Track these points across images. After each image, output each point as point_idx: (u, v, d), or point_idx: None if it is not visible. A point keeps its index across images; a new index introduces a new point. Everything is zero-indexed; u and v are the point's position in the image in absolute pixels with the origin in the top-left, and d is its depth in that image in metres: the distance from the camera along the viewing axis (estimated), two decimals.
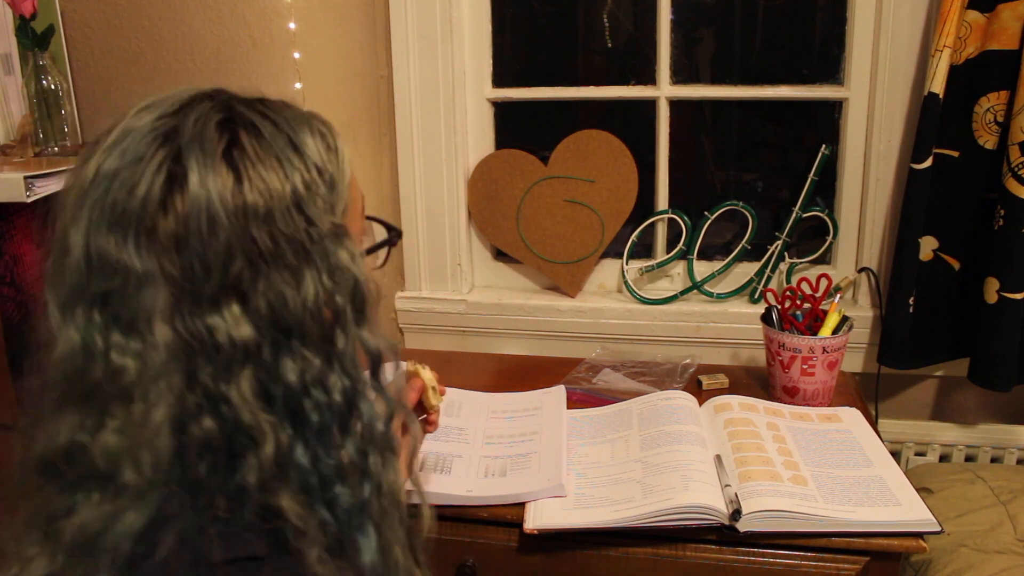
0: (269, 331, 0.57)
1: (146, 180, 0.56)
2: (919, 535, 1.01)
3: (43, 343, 0.58)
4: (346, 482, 0.60)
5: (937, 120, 1.35)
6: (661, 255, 1.67)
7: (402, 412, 0.66)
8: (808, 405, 1.33)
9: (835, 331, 1.34)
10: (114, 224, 0.55)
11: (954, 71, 1.34)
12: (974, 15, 1.32)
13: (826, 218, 1.56)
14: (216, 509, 0.58)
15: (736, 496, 1.04)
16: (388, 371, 0.65)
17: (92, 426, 0.56)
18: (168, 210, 0.55)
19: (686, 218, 1.61)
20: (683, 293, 1.63)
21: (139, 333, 0.55)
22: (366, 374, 0.63)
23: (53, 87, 1.53)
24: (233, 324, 0.56)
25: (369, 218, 0.74)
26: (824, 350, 1.30)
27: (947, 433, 1.58)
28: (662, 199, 1.64)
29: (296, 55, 1.59)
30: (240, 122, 0.60)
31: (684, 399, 1.29)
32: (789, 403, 1.34)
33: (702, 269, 1.63)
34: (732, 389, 1.42)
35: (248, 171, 0.57)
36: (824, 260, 1.62)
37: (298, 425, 0.58)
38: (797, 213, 1.56)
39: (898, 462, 1.18)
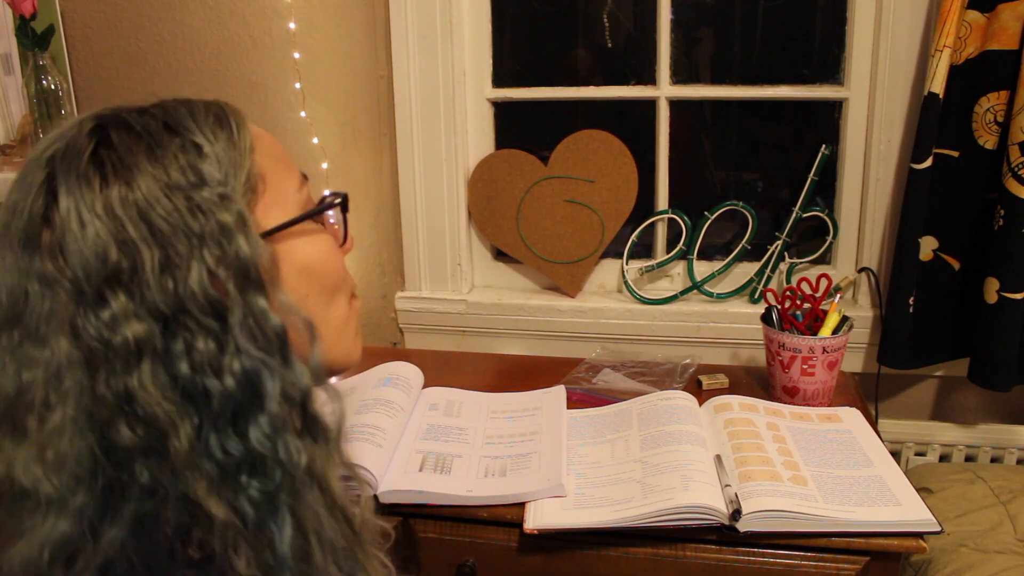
0: (157, 321, 0.56)
1: (30, 200, 0.57)
2: (919, 535, 1.01)
3: None
4: (256, 469, 0.58)
5: (937, 120, 1.35)
6: (661, 255, 1.67)
7: (323, 386, 0.63)
8: (808, 405, 1.33)
9: (835, 331, 1.34)
10: (10, 245, 0.57)
11: (954, 71, 1.34)
12: (974, 15, 1.32)
13: (826, 218, 1.56)
14: (145, 528, 0.56)
15: (736, 496, 1.04)
16: (316, 350, 0.62)
17: (11, 448, 0.56)
18: (48, 222, 0.57)
19: (686, 218, 1.62)
20: (683, 293, 1.63)
21: (43, 342, 0.55)
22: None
23: (53, 87, 1.53)
24: (123, 319, 0.55)
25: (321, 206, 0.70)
26: (824, 350, 1.30)
27: (947, 433, 1.58)
28: (662, 199, 1.64)
29: (296, 55, 1.59)
30: (112, 123, 0.60)
31: (684, 399, 1.29)
32: (789, 403, 1.34)
33: (702, 269, 1.63)
34: (732, 389, 1.41)
35: (114, 166, 0.57)
36: (824, 260, 1.62)
37: (203, 413, 0.56)
38: (797, 213, 1.56)
39: (898, 462, 1.18)
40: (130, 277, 0.55)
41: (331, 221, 0.72)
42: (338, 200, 0.70)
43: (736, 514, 1.01)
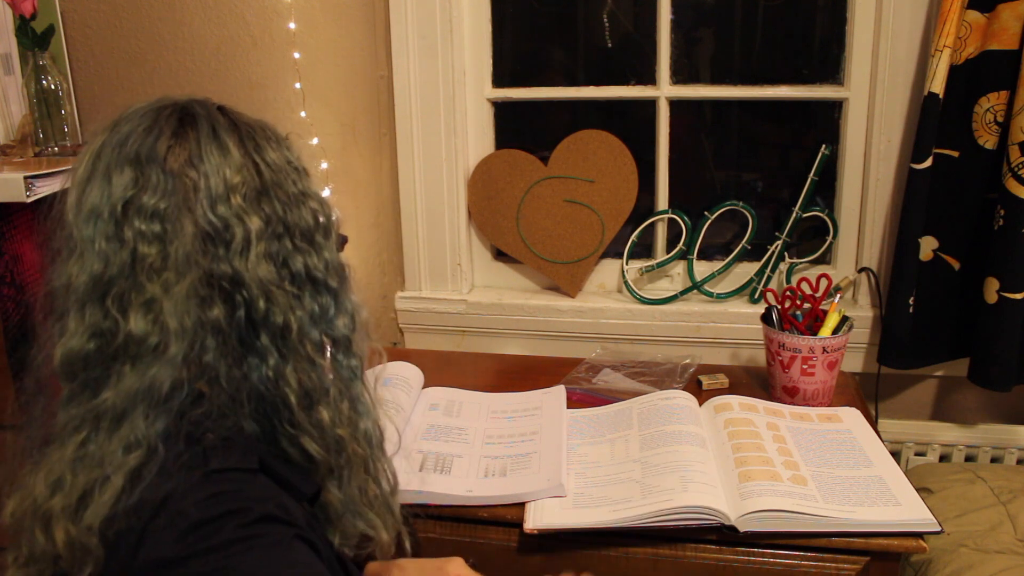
0: (274, 223, 0.71)
1: (161, 131, 0.71)
2: (919, 535, 1.01)
3: (53, 256, 0.70)
4: (343, 351, 0.76)
5: (937, 120, 1.35)
6: (661, 255, 1.67)
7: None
8: (808, 405, 1.33)
9: (835, 331, 1.34)
10: (133, 158, 0.69)
11: (954, 71, 1.34)
12: (974, 15, 1.32)
13: (826, 218, 1.56)
14: (223, 396, 0.68)
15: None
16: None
17: (119, 309, 0.66)
18: (180, 140, 0.71)
19: (686, 218, 1.61)
20: (683, 293, 1.63)
21: (161, 218, 0.67)
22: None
23: (53, 87, 1.53)
24: (243, 213, 0.69)
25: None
26: (824, 350, 1.30)
27: (947, 433, 1.58)
28: (662, 199, 1.64)
29: (296, 55, 1.59)
30: (227, 110, 0.76)
31: (684, 399, 1.29)
32: (789, 403, 1.34)
33: (702, 269, 1.63)
34: (732, 389, 1.41)
35: (246, 130, 0.74)
36: (824, 260, 1.62)
37: (306, 305, 0.72)
38: (797, 213, 1.56)
39: (898, 462, 1.18)
40: (254, 192, 0.71)
41: None
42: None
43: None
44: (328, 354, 0.74)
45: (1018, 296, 1.35)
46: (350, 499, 0.75)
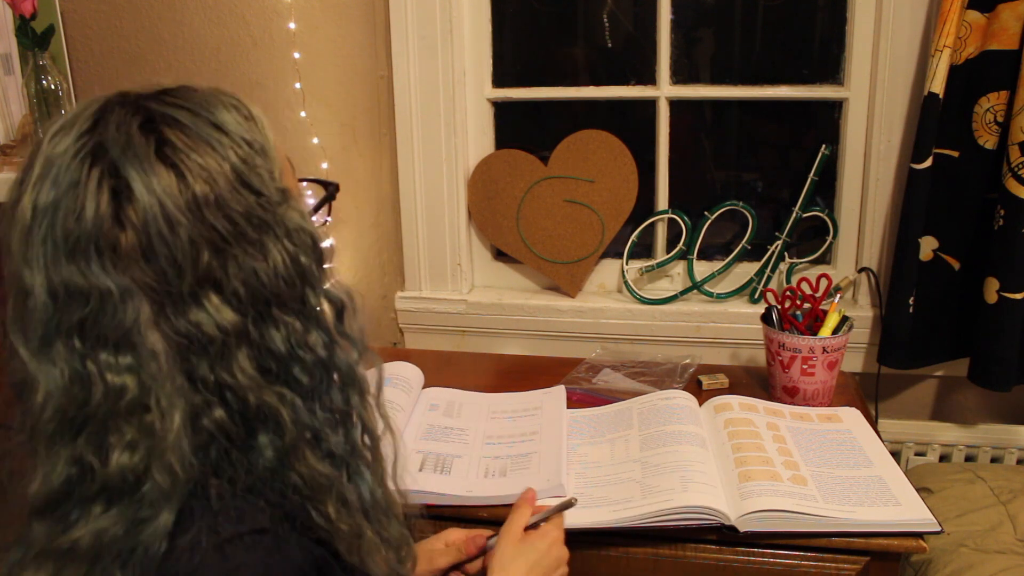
0: (250, 309, 0.59)
1: (91, 201, 0.56)
2: (919, 535, 1.01)
3: (18, 390, 0.59)
4: (339, 429, 0.66)
5: (937, 120, 1.35)
6: (661, 255, 1.67)
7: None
8: (808, 405, 1.33)
9: (835, 331, 1.34)
10: (72, 253, 0.56)
11: (954, 71, 1.34)
12: (974, 15, 1.32)
13: (826, 218, 1.56)
14: (233, 488, 0.60)
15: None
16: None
17: (95, 451, 0.56)
18: (124, 224, 0.56)
19: (686, 218, 1.61)
20: (683, 293, 1.63)
21: (131, 348, 0.56)
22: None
23: (53, 87, 1.53)
24: (216, 313, 0.58)
25: (301, 180, 0.76)
26: (824, 350, 1.30)
27: (947, 433, 1.58)
28: (662, 199, 1.64)
29: (296, 55, 1.59)
30: (160, 119, 0.60)
31: (684, 399, 1.29)
32: (789, 403, 1.34)
33: (702, 269, 1.63)
34: (732, 389, 1.41)
35: (186, 163, 0.58)
36: (824, 260, 1.62)
37: (295, 389, 0.62)
38: (797, 213, 1.56)
39: (898, 462, 1.18)
40: (221, 274, 0.58)
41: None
42: (336, 191, 0.78)
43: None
44: (326, 439, 0.65)
45: (1018, 296, 1.35)
46: (368, 560, 0.69)
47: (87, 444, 0.57)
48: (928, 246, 1.44)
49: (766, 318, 1.39)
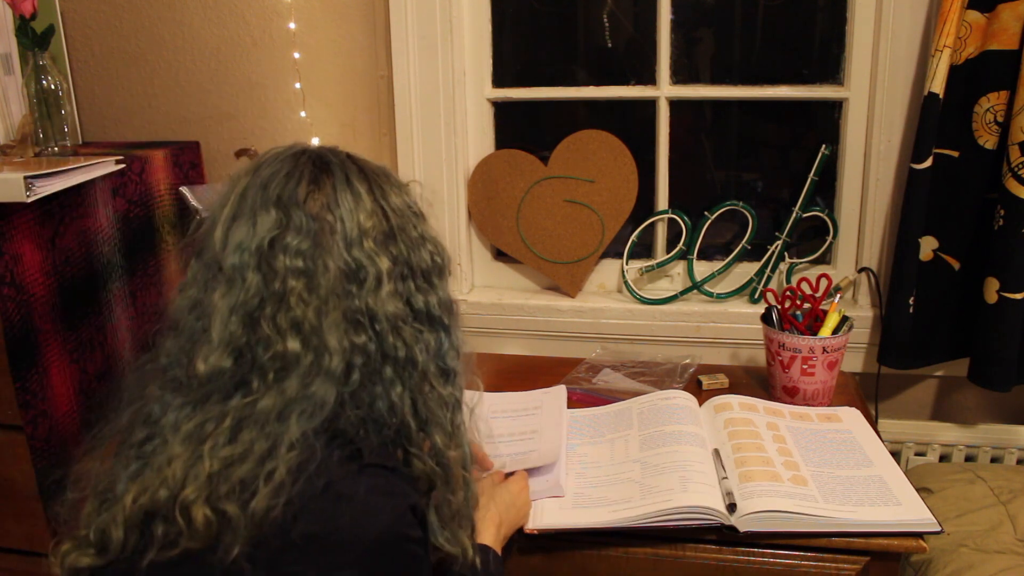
0: (401, 265, 0.79)
1: (304, 179, 0.79)
2: (919, 535, 1.01)
3: (192, 280, 0.78)
4: (452, 384, 0.84)
5: (937, 120, 1.35)
6: (661, 255, 1.67)
7: (464, 356, 0.87)
8: (808, 405, 1.33)
9: (835, 331, 1.34)
10: (275, 203, 0.78)
11: (954, 71, 1.34)
12: (974, 15, 1.32)
13: (826, 218, 1.56)
14: (367, 426, 0.76)
15: (731, 491, 1.04)
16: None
17: (272, 330, 0.73)
18: (320, 187, 0.79)
19: (686, 218, 1.61)
20: (683, 293, 1.63)
21: (305, 258, 0.75)
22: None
23: (53, 87, 1.53)
24: (375, 256, 0.77)
25: None
26: (824, 350, 1.30)
27: (947, 433, 1.58)
28: (662, 199, 1.64)
29: (296, 55, 1.59)
30: (345, 158, 0.85)
31: (684, 399, 1.29)
32: (789, 403, 1.34)
33: (702, 269, 1.63)
34: (732, 389, 1.42)
35: (370, 180, 0.82)
36: (824, 260, 1.62)
37: (428, 336, 0.81)
38: (797, 213, 1.56)
39: (898, 462, 1.18)
40: (384, 238, 0.79)
41: None
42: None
43: (732, 507, 1.01)
44: (442, 384, 0.82)
45: (1018, 296, 1.35)
46: (446, 514, 0.82)
47: (266, 325, 0.74)
48: (928, 246, 1.44)
49: (766, 318, 1.39)
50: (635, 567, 1.06)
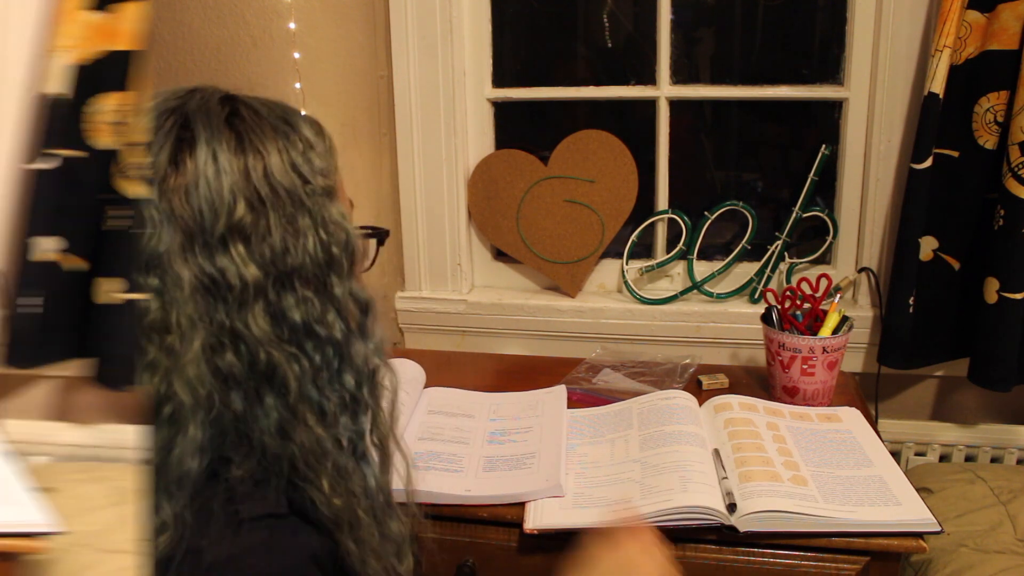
0: (273, 270, 0.64)
1: (158, 144, 0.63)
2: (919, 535, 1.01)
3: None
4: (346, 412, 0.69)
5: (937, 120, 1.35)
6: (661, 255, 1.67)
7: (384, 357, 0.73)
8: (808, 405, 1.33)
9: (835, 331, 1.34)
10: (146, 184, 0.64)
11: (954, 71, 1.34)
12: (974, 15, 1.32)
13: (826, 218, 1.56)
14: (250, 466, 0.63)
15: (731, 491, 1.04)
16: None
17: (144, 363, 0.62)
18: (178, 166, 0.63)
19: (686, 218, 1.61)
20: (683, 293, 1.63)
21: (159, 271, 0.62)
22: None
23: None
24: (241, 264, 0.63)
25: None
26: (824, 350, 1.30)
27: (947, 433, 1.58)
28: (662, 199, 1.64)
29: (296, 55, 1.59)
30: (238, 100, 0.67)
31: (684, 399, 1.29)
32: (789, 403, 1.34)
33: (702, 269, 1.63)
34: (732, 389, 1.41)
35: (248, 135, 0.65)
36: (824, 260, 1.62)
37: (306, 356, 0.66)
38: (797, 213, 1.56)
39: (898, 462, 1.17)
40: (252, 231, 0.63)
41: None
42: (386, 235, 0.84)
43: (732, 507, 1.01)
44: (332, 414, 0.67)
45: (1018, 296, 1.35)
46: (364, 550, 0.69)
47: (144, 356, 0.62)
48: (928, 246, 1.44)
49: (766, 318, 1.39)
50: None
